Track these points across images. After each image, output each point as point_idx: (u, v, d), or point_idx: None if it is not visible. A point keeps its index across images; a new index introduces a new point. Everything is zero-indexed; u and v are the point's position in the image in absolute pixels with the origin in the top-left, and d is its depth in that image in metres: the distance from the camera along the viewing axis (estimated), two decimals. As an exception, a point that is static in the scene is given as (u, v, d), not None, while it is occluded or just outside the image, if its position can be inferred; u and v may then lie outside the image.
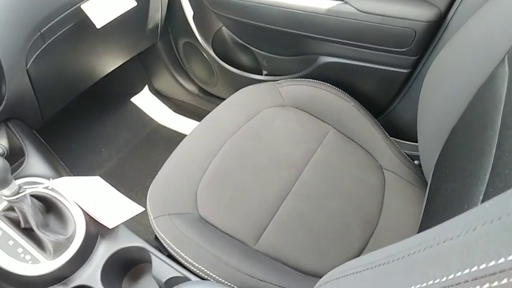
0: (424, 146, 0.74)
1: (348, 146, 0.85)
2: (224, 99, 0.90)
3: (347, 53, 0.90)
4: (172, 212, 0.71)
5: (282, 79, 0.97)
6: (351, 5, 0.82)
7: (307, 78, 0.96)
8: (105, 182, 0.84)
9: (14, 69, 0.74)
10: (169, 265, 0.71)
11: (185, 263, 0.68)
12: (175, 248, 0.68)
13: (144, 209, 0.82)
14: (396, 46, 0.83)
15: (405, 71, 0.88)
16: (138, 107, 1.47)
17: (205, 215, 0.72)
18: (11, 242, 0.70)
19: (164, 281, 0.69)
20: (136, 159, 1.33)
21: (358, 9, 0.81)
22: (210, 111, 0.87)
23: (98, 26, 0.84)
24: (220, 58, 1.16)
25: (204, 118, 0.86)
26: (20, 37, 0.72)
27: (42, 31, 0.77)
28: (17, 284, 0.69)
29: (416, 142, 0.78)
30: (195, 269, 0.67)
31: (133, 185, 1.24)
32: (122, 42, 1.13)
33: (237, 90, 0.91)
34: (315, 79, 0.93)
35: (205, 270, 0.65)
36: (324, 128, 0.86)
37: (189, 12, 1.14)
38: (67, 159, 0.90)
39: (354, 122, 0.88)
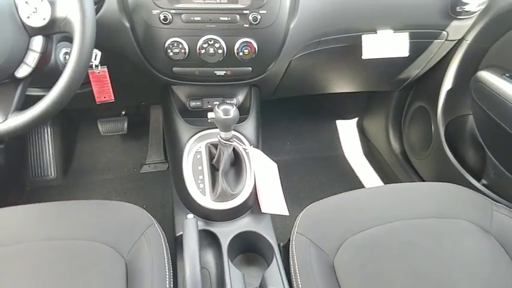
0: None
1: None
2: (420, 177, 0.84)
3: None
4: (314, 240, 0.73)
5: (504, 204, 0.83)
6: None
7: None
8: (277, 172, 0.93)
9: (285, 58, 0.89)
10: (281, 276, 0.73)
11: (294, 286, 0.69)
12: (296, 269, 0.70)
13: (288, 214, 0.88)
14: None
15: None
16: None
17: (337, 267, 0.71)
18: (199, 167, 0.87)
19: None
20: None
21: None
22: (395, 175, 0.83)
23: (364, 56, 0.91)
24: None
25: (396, 184, 0.84)
26: (307, 34, 0.85)
27: (321, 39, 0.89)
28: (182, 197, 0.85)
29: None
30: None
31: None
32: (366, 75, 1.19)
33: (440, 180, 0.84)
34: None
35: None
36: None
37: None
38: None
39: None
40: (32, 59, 0.61)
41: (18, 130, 0.61)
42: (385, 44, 0.91)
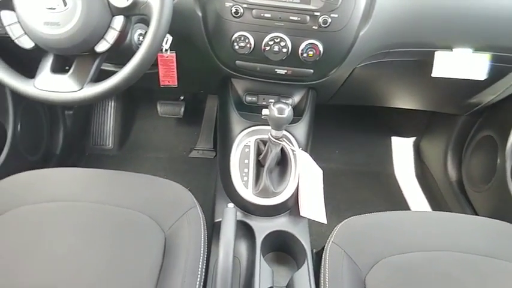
0: None
1: None
2: (474, 210, 0.78)
3: None
4: (349, 253, 0.71)
5: None
6: None
7: None
8: (321, 179, 0.91)
9: (349, 65, 0.87)
10: (309, 281, 0.73)
11: None
12: (326, 278, 0.68)
13: (326, 222, 0.87)
14: None
15: None
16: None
17: (369, 284, 0.68)
18: (246, 161, 0.88)
19: None
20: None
21: None
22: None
23: (434, 74, 0.86)
24: None
25: (445, 213, 0.79)
26: (376, 43, 0.83)
27: (390, 50, 0.86)
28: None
29: None
30: None
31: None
32: (432, 94, 1.13)
33: (497, 217, 0.79)
34: None
35: None
36: None
37: None
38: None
39: None
40: (111, 36, 0.66)
41: (90, 99, 0.66)
42: (460, 64, 0.85)
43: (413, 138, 1.51)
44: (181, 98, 1.53)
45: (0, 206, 0.74)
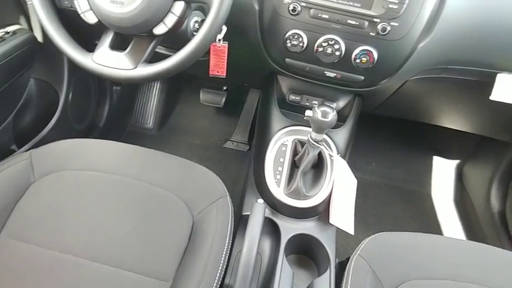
0: None
1: None
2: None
3: None
4: (375, 269, 0.69)
5: None
6: None
7: None
8: (355, 189, 0.89)
9: (402, 76, 0.84)
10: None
11: None
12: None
13: (353, 234, 0.85)
14: None
15: None
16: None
17: None
18: (281, 159, 0.88)
19: None
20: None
21: None
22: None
23: (492, 97, 0.81)
24: None
25: (483, 244, 0.75)
26: (434, 58, 0.79)
27: (448, 66, 0.82)
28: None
29: None
30: None
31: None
32: (486, 118, 1.07)
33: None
34: None
35: None
36: None
37: None
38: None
39: None
40: (170, 21, 0.68)
41: (142, 79, 0.68)
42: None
43: (457, 161, 1.44)
44: (224, 88, 1.55)
45: (45, 168, 0.78)
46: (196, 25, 0.82)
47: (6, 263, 0.66)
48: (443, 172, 1.45)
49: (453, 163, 1.46)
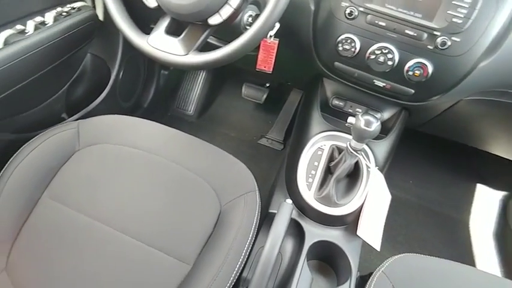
0: None
1: None
2: None
3: None
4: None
5: None
6: None
7: None
8: (388, 205, 0.86)
9: (456, 95, 0.80)
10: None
11: None
12: None
13: (379, 250, 0.82)
14: None
15: None
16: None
17: None
18: (315, 163, 0.87)
19: None
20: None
21: None
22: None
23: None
24: None
25: None
26: (495, 80, 0.74)
27: (509, 90, 0.77)
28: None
29: None
30: None
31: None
32: None
33: None
34: None
35: None
36: None
37: None
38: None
39: None
40: (225, 12, 0.68)
41: (192, 66, 0.70)
42: None
43: (503, 193, 1.34)
44: (267, 85, 1.55)
45: (90, 138, 0.83)
46: (250, 19, 0.82)
47: (43, 221, 0.71)
48: (485, 202, 1.36)
49: (498, 194, 1.37)
